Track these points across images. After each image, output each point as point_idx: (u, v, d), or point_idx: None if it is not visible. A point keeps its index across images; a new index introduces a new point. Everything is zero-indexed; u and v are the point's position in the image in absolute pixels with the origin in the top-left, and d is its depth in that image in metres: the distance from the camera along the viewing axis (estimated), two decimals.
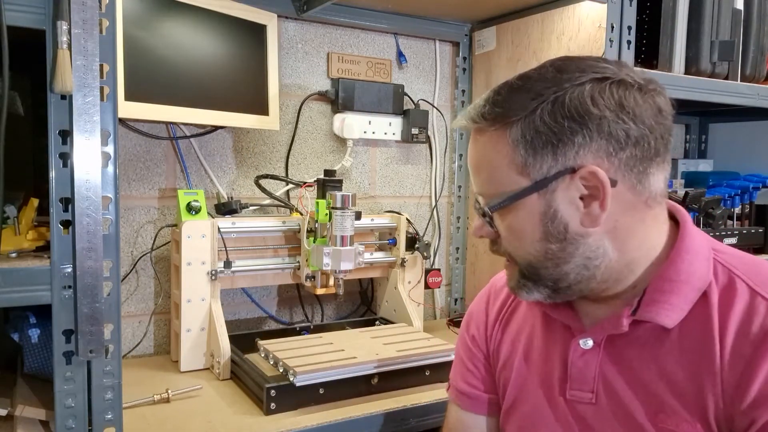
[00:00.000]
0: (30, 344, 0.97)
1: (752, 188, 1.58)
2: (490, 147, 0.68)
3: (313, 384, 1.05)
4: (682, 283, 0.67)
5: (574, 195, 0.65)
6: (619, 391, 0.69)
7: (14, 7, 0.74)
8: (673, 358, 0.66)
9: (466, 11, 1.56)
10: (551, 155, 0.64)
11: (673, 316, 0.66)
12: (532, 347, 0.80)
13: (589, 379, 0.72)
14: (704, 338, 0.65)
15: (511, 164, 0.66)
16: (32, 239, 0.90)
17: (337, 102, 1.50)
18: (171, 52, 1.17)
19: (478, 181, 0.71)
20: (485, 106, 0.68)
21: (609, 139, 0.63)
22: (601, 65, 0.66)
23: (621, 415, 0.69)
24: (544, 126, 0.64)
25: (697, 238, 0.70)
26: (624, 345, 0.70)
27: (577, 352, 0.73)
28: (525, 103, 0.65)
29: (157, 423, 0.98)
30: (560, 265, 0.68)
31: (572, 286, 0.69)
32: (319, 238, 1.28)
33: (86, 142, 0.77)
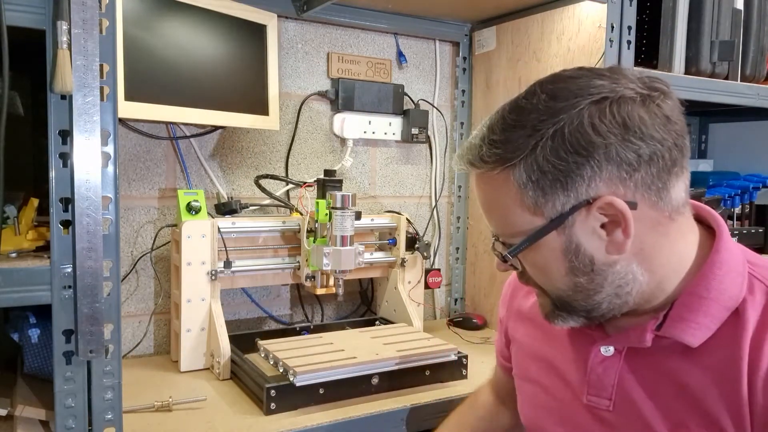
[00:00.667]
0: (30, 344, 0.97)
1: (752, 188, 1.58)
2: (497, 190, 0.65)
3: (313, 384, 1.05)
4: (712, 300, 0.64)
5: (595, 225, 0.62)
6: (637, 402, 0.68)
7: (14, 7, 0.74)
8: (695, 375, 0.64)
9: (466, 11, 1.56)
10: (562, 192, 0.61)
11: (698, 335, 0.64)
12: (550, 345, 0.80)
13: (607, 386, 0.71)
14: (731, 359, 0.62)
15: (522, 206, 0.64)
16: (32, 239, 0.90)
17: (337, 102, 1.50)
18: (171, 52, 1.17)
19: (492, 222, 0.69)
20: (482, 147, 0.65)
21: (620, 165, 0.60)
22: (596, 83, 0.62)
23: (638, 426, 0.68)
24: (548, 164, 0.61)
25: (733, 251, 0.67)
26: (645, 356, 0.68)
27: (598, 358, 0.72)
28: (523, 142, 0.62)
29: (156, 423, 0.98)
30: (591, 296, 0.66)
31: (606, 313, 0.68)
32: (319, 238, 1.28)
33: (86, 142, 0.77)
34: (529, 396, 0.84)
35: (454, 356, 1.18)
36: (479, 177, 0.67)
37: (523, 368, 0.85)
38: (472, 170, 0.68)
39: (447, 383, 1.17)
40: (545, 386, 0.80)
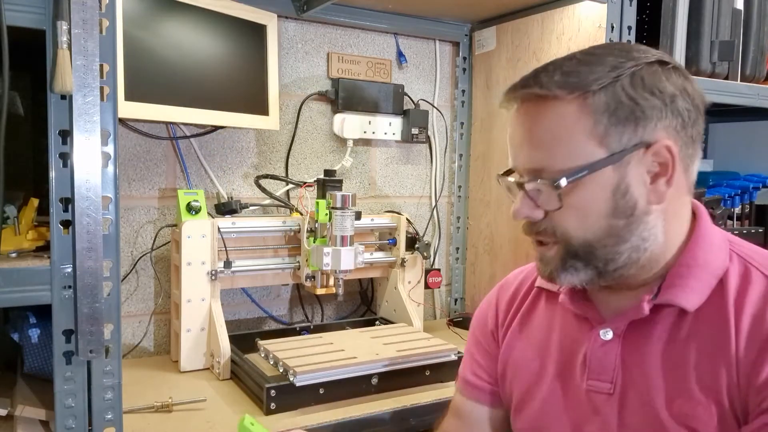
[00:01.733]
0: (30, 344, 0.97)
1: (752, 188, 1.58)
2: (565, 116, 0.65)
3: (313, 384, 1.05)
4: (700, 268, 0.68)
5: (643, 170, 0.65)
6: (638, 380, 0.70)
7: (14, 7, 0.74)
8: (692, 343, 0.67)
9: (466, 11, 1.56)
10: (632, 127, 0.64)
11: (692, 299, 0.67)
12: (550, 342, 0.80)
13: (608, 369, 0.72)
14: (721, 323, 0.66)
15: (590, 134, 0.65)
16: (32, 239, 0.90)
17: (337, 102, 1.50)
18: (171, 52, 1.17)
19: (538, 154, 0.67)
20: (554, 74, 0.66)
21: (678, 118, 0.65)
22: (658, 51, 0.68)
23: (638, 404, 0.69)
24: (627, 97, 0.64)
25: (713, 230, 0.72)
26: (644, 333, 0.70)
27: (597, 343, 0.73)
28: (604, 74, 0.64)
29: (156, 422, 0.98)
30: (619, 243, 0.67)
31: (618, 269, 0.69)
32: (319, 238, 1.28)
33: (86, 142, 0.77)
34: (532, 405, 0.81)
35: (454, 356, 1.18)
36: (534, 106, 0.67)
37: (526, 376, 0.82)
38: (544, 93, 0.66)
39: (447, 383, 1.17)
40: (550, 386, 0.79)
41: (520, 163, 0.70)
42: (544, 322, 0.82)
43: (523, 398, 0.82)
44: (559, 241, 0.69)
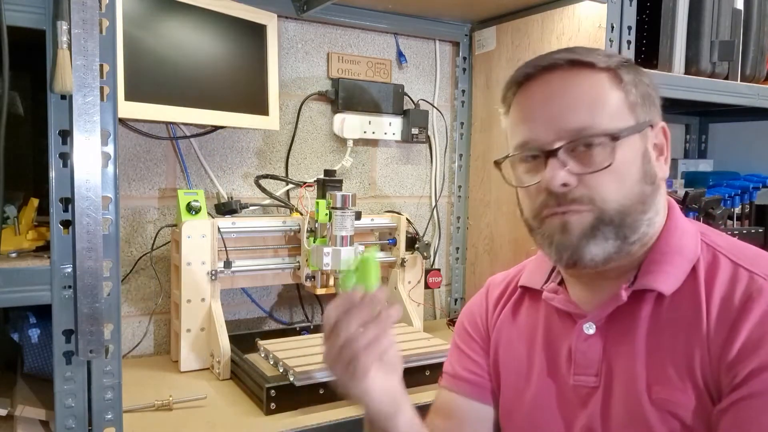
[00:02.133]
0: (30, 344, 0.97)
1: (752, 188, 1.58)
2: (603, 83, 0.71)
3: (313, 384, 1.05)
4: (674, 254, 0.71)
5: (652, 146, 0.72)
6: (621, 371, 0.71)
7: (14, 7, 0.74)
8: (670, 329, 0.69)
9: (466, 11, 1.56)
10: (649, 104, 0.72)
11: (669, 282, 0.69)
12: (535, 340, 0.81)
13: (593, 362, 0.73)
14: (694, 307, 0.68)
15: (624, 102, 0.70)
16: (32, 239, 0.90)
17: (337, 102, 1.50)
18: (171, 52, 1.17)
19: (581, 116, 0.69)
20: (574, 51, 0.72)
21: (660, 112, 0.74)
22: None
23: (622, 395, 0.70)
24: (644, 81, 0.73)
25: (685, 221, 0.75)
26: (625, 324, 0.72)
27: (581, 338, 0.74)
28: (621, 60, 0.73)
29: (156, 423, 0.98)
30: (646, 211, 0.70)
31: (634, 242, 0.70)
32: (319, 238, 1.28)
33: (86, 142, 0.77)
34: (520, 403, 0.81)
35: None
36: (568, 73, 0.71)
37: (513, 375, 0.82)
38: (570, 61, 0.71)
39: None
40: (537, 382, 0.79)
41: (555, 127, 0.69)
42: (529, 321, 0.83)
43: (513, 396, 0.82)
44: (594, 208, 0.69)
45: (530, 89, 0.73)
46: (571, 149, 0.69)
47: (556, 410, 0.76)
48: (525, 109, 0.73)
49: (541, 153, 0.70)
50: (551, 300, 0.78)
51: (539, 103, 0.71)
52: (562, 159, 0.69)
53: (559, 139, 0.69)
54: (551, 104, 0.70)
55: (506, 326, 0.85)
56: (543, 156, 0.70)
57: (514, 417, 0.82)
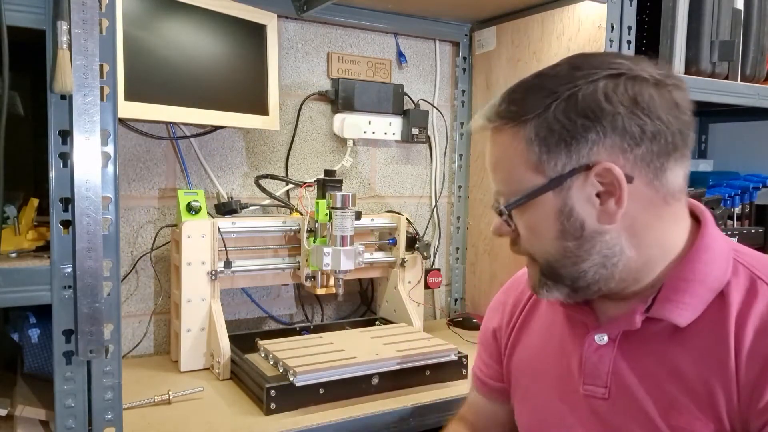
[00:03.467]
0: (30, 344, 0.97)
1: (752, 188, 1.58)
2: (506, 146, 0.68)
3: (313, 384, 1.05)
4: (698, 282, 0.66)
5: (590, 192, 0.65)
6: (631, 387, 0.69)
7: (14, 7, 0.74)
8: (685, 357, 0.66)
9: (466, 11, 1.56)
10: (565, 153, 0.64)
11: (686, 315, 0.66)
12: (550, 343, 0.81)
13: (602, 374, 0.72)
14: (718, 338, 0.64)
15: (526, 162, 0.66)
16: (32, 239, 0.90)
17: (337, 102, 1.50)
18: (171, 52, 1.17)
19: (496, 179, 0.71)
20: (501, 105, 0.68)
21: (623, 135, 0.63)
22: (617, 61, 0.65)
23: (634, 411, 0.69)
24: (558, 124, 0.64)
25: (718, 239, 0.69)
26: (638, 342, 0.70)
27: (592, 347, 0.73)
28: (539, 102, 0.65)
29: (156, 423, 0.98)
30: (578, 263, 0.68)
31: (591, 285, 0.69)
32: (319, 238, 1.28)
33: (86, 142, 0.77)
34: (531, 404, 0.83)
35: (454, 356, 1.18)
36: (492, 134, 0.71)
37: (526, 375, 0.84)
38: (488, 125, 0.70)
39: (447, 383, 1.17)
40: (549, 388, 0.79)
41: (492, 184, 0.73)
42: (544, 325, 0.82)
43: (525, 397, 0.83)
44: (533, 260, 0.72)
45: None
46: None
47: (567, 415, 0.76)
48: None
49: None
50: (567, 308, 0.77)
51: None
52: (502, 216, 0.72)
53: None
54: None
55: (523, 327, 0.86)
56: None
57: (526, 416, 0.83)
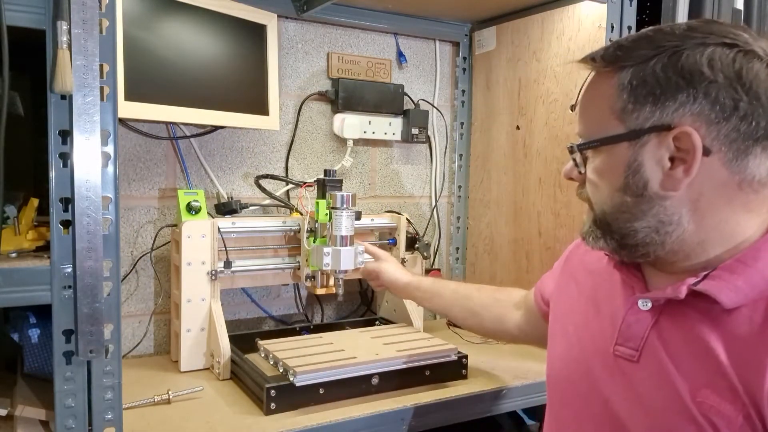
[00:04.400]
0: (30, 344, 0.97)
1: None
2: (599, 88, 0.69)
3: (313, 384, 1.05)
4: (756, 270, 0.64)
5: (663, 154, 0.64)
6: (663, 359, 0.69)
7: (14, 7, 0.74)
8: (724, 340, 0.64)
9: (466, 11, 1.56)
10: (651, 107, 0.64)
11: (733, 297, 0.64)
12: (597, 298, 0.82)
13: (636, 337, 0.72)
14: (763, 334, 0.62)
15: (611, 108, 0.67)
16: (32, 239, 0.90)
17: (337, 102, 1.50)
18: (171, 52, 1.17)
19: (581, 119, 0.72)
20: (609, 48, 0.68)
21: (714, 106, 0.62)
22: (737, 33, 0.64)
23: (661, 381, 0.68)
24: (653, 77, 0.64)
25: None
26: (680, 315, 0.69)
27: (633, 310, 0.73)
28: (644, 52, 0.65)
29: (156, 423, 0.98)
30: (631, 221, 0.68)
31: (639, 246, 0.69)
32: (319, 238, 1.28)
33: (86, 142, 0.77)
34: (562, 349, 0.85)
35: (454, 356, 1.18)
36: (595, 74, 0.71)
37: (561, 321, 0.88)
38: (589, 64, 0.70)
39: (447, 383, 1.17)
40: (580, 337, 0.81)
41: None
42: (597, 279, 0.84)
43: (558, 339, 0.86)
44: (591, 207, 0.73)
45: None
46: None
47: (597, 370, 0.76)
48: None
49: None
50: (619, 269, 0.77)
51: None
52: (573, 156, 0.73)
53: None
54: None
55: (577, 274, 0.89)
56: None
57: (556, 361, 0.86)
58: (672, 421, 0.66)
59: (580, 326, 0.82)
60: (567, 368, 0.82)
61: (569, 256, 0.95)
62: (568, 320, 0.86)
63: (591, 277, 0.85)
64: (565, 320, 0.87)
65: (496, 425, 1.35)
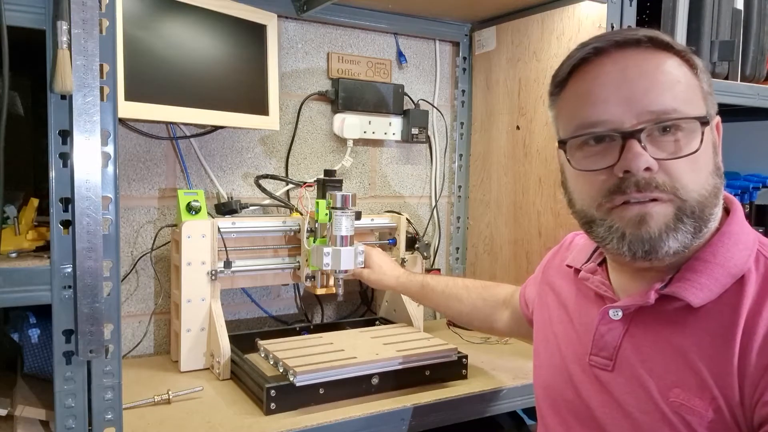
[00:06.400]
0: (30, 344, 0.97)
1: (752, 188, 1.58)
2: (683, 69, 0.68)
3: (313, 384, 1.05)
4: (716, 265, 0.67)
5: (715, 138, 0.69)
6: (635, 364, 0.71)
7: (14, 7, 0.73)
8: (694, 337, 0.66)
9: (466, 11, 1.56)
10: (713, 96, 0.70)
11: (699, 295, 0.66)
12: (567, 309, 0.84)
13: (609, 347, 0.73)
14: (728, 323, 0.64)
15: (700, 90, 0.68)
16: (32, 239, 0.90)
17: (337, 102, 1.50)
18: (171, 52, 1.17)
19: (669, 97, 0.65)
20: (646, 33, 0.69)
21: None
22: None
23: (635, 386, 0.70)
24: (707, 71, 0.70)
25: (744, 228, 0.70)
26: (650, 319, 0.71)
27: (604, 320, 0.75)
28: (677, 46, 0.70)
29: (156, 423, 0.98)
30: (716, 204, 0.68)
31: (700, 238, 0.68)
32: (319, 238, 1.28)
33: (86, 142, 0.77)
34: (546, 357, 0.87)
35: (454, 356, 1.18)
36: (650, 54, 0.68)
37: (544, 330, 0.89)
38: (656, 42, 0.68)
39: (447, 383, 1.17)
40: (560, 346, 0.83)
41: (636, 107, 0.65)
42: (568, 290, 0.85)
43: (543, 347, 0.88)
44: (674, 198, 0.65)
45: (602, 65, 0.68)
46: (649, 133, 0.65)
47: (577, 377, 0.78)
48: (597, 86, 0.68)
49: (617, 135, 0.66)
50: (586, 280, 0.80)
51: (615, 81, 0.66)
52: (643, 142, 0.65)
53: (640, 122, 0.65)
54: (631, 83, 0.66)
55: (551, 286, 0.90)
56: (620, 138, 0.66)
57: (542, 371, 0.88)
58: (648, 423, 0.68)
59: (560, 335, 0.84)
60: (553, 376, 0.83)
61: (547, 264, 0.96)
62: (549, 330, 0.87)
63: (567, 287, 0.86)
64: (546, 330, 0.88)
65: (496, 425, 1.34)
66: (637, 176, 0.64)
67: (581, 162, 0.69)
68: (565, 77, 0.72)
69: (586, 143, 0.69)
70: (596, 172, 0.68)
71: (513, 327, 1.10)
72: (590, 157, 0.69)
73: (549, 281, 0.92)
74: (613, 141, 0.66)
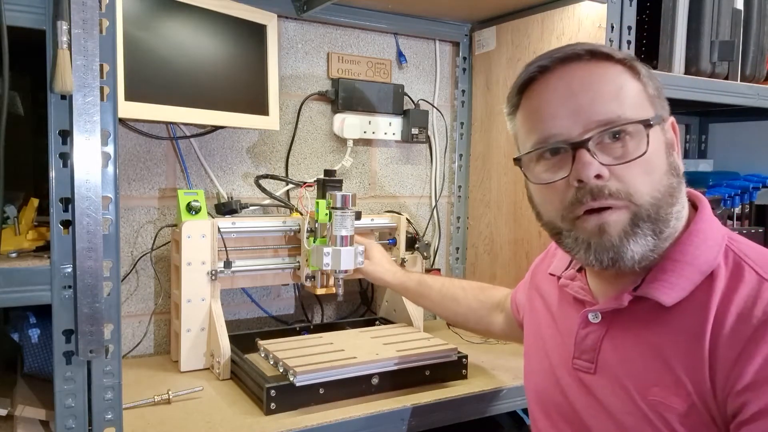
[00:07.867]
0: (30, 344, 0.97)
1: (752, 188, 1.58)
2: (624, 76, 0.70)
3: (313, 384, 1.05)
4: (686, 264, 0.68)
5: (669, 139, 0.71)
6: (614, 366, 0.72)
7: (14, 7, 0.73)
8: (667, 336, 0.68)
9: (466, 11, 1.56)
10: (661, 98, 0.72)
11: (672, 294, 0.68)
12: (552, 315, 0.85)
13: (589, 349, 0.75)
14: (698, 318, 0.66)
15: (643, 93, 0.70)
16: (32, 239, 0.90)
17: (337, 102, 1.50)
18: (171, 52, 1.17)
19: (612, 106, 0.68)
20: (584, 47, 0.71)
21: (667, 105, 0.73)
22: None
23: (616, 387, 0.72)
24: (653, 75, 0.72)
25: (712, 225, 0.72)
26: (626, 321, 0.72)
27: (584, 323, 0.77)
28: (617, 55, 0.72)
29: (156, 423, 0.98)
30: (674, 203, 0.69)
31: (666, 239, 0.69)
32: (319, 238, 1.28)
33: (86, 142, 0.77)
34: (537, 361, 0.88)
35: (454, 356, 1.18)
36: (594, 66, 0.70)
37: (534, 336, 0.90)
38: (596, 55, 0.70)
39: (447, 383, 1.17)
40: (548, 350, 0.84)
41: (583, 119, 0.68)
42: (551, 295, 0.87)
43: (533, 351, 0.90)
44: (629, 204, 0.67)
45: (548, 83, 0.70)
46: (598, 141, 0.67)
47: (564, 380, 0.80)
48: (544, 103, 0.70)
49: (567, 146, 0.68)
50: (566, 286, 0.82)
51: (562, 96, 0.69)
52: (591, 151, 0.67)
53: (588, 131, 0.67)
54: (576, 96, 0.68)
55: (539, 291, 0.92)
56: (570, 149, 0.68)
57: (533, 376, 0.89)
58: (632, 423, 0.69)
59: (548, 339, 0.85)
60: (543, 380, 0.85)
61: (535, 270, 0.97)
62: (538, 334, 0.88)
63: (552, 292, 0.88)
64: (536, 334, 0.89)
65: (496, 425, 1.34)
66: (590, 184, 0.67)
67: (540, 176, 0.72)
68: (517, 98, 0.75)
69: (543, 157, 0.72)
70: (555, 184, 0.70)
71: (507, 330, 1.11)
72: (548, 170, 0.71)
73: (537, 286, 0.93)
74: (566, 153, 0.69)
